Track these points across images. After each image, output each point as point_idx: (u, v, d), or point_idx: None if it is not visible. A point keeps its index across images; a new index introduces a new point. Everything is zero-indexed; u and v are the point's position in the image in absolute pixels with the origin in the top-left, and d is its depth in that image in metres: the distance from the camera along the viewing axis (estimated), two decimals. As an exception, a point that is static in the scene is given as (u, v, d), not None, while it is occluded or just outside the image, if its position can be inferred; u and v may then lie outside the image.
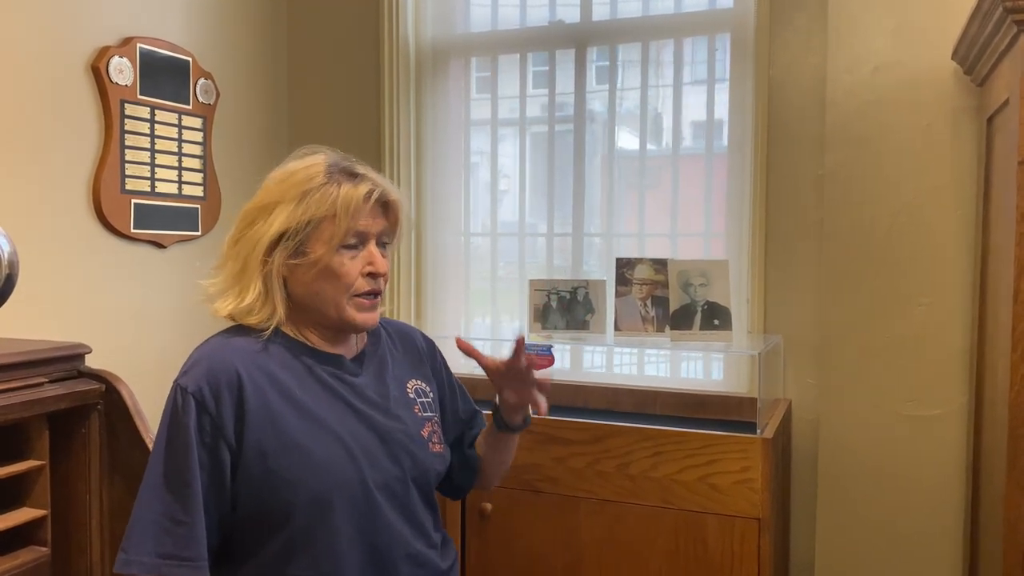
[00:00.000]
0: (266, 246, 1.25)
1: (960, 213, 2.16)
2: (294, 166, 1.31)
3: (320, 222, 1.24)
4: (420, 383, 1.44)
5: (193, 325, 2.62)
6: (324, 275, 1.26)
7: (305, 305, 1.30)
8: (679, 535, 2.00)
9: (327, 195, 1.24)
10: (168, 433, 1.21)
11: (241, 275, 1.28)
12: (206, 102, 2.64)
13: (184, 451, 1.19)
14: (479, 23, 2.92)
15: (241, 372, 1.23)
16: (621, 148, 2.75)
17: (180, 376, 1.25)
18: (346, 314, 1.28)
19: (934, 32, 2.15)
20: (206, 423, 1.20)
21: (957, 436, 2.18)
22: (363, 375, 1.35)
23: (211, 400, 1.21)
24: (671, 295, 2.20)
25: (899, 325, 2.23)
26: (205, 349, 1.28)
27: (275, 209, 1.26)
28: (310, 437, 1.23)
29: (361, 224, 1.26)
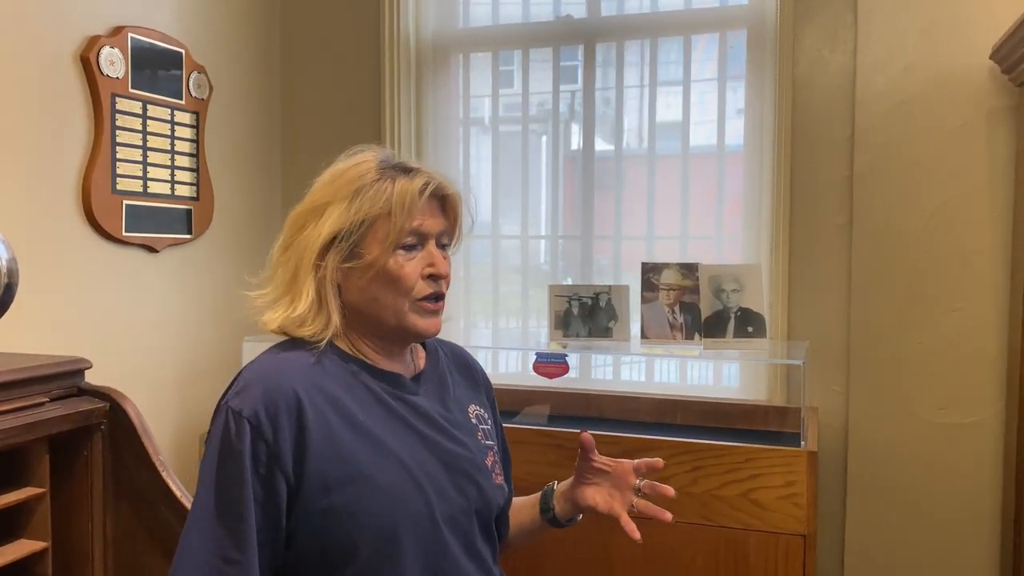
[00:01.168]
0: (318, 250, 1.14)
1: (996, 217, 2.12)
2: (343, 165, 1.19)
3: (375, 221, 1.14)
4: (479, 408, 1.32)
5: (189, 335, 2.49)
6: (381, 279, 1.15)
7: (361, 313, 1.18)
8: (719, 553, 1.91)
9: (381, 191, 1.13)
10: (219, 461, 1.08)
11: (292, 283, 1.16)
12: (199, 97, 2.48)
13: (237, 482, 1.06)
14: (480, 17, 2.81)
15: (301, 394, 1.10)
16: (628, 147, 2.66)
17: (231, 397, 1.10)
18: (407, 320, 1.16)
19: (969, 31, 2.10)
20: (262, 452, 1.07)
21: (993, 444, 2.13)
22: (423, 396, 1.23)
23: (268, 426, 1.07)
24: (702, 301, 2.11)
25: (931, 331, 2.18)
26: (257, 368, 1.14)
27: (326, 210, 1.15)
28: (375, 465, 1.11)
29: (418, 222, 1.15)
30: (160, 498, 1.64)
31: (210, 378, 2.54)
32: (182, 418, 2.47)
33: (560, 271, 2.70)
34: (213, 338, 2.56)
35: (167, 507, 1.63)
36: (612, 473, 1.27)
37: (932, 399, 2.18)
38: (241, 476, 1.06)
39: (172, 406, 2.43)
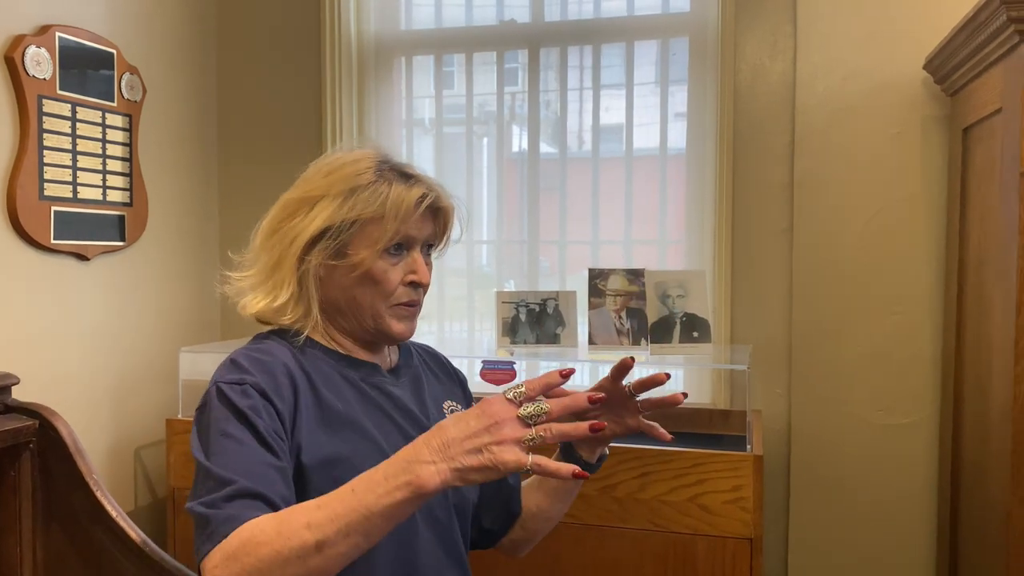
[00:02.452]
0: (304, 243, 1.14)
1: (930, 222, 2.17)
2: (342, 158, 1.19)
3: (366, 223, 1.13)
4: (455, 404, 1.33)
5: (123, 346, 2.40)
6: (364, 280, 1.15)
7: (340, 310, 1.18)
8: (668, 559, 1.92)
9: (376, 194, 1.13)
10: (223, 423, 1.03)
11: (275, 271, 1.16)
12: (132, 99, 2.40)
13: (250, 428, 1.03)
14: (423, 20, 2.77)
15: (293, 372, 1.11)
16: (572, 152, 2.66)
17: (225, 375, 1.08)
18: (383, 323, 1.17)
19: (905, 42, 2.15)
20: (269, 409, 1.05)
21: (929, 444, 2.19)
22: (401, 388, 1.24)
23: (273, 391, 1.06)
24: (649, 307, 2.12)
25: (870, 334, 2.23)
26: (246, 352, 1.12)
27: (318, 203, 1.14)
28: (355, 450, 1.11)
29: (410, 229, 1.16)
30: (95, 520, 1.58)
31: (146, 391, 2.46)
32: (117, 434, 2.38)
33: (505, 275, 2.69)
34: (149, 349, 2.47)
35: (102, 529, 1.57)
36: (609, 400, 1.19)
37: (871, 400, 2.23)
38: (255, 420, 1.03)
39: (106, 421, 2.34)
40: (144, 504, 2.46)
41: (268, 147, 2.72)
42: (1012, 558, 1.59)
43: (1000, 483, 1.65)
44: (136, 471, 2.44)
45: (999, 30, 1.60)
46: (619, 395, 1.18)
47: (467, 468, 0.89)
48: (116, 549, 1.54)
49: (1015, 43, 1.58)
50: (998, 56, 1.68)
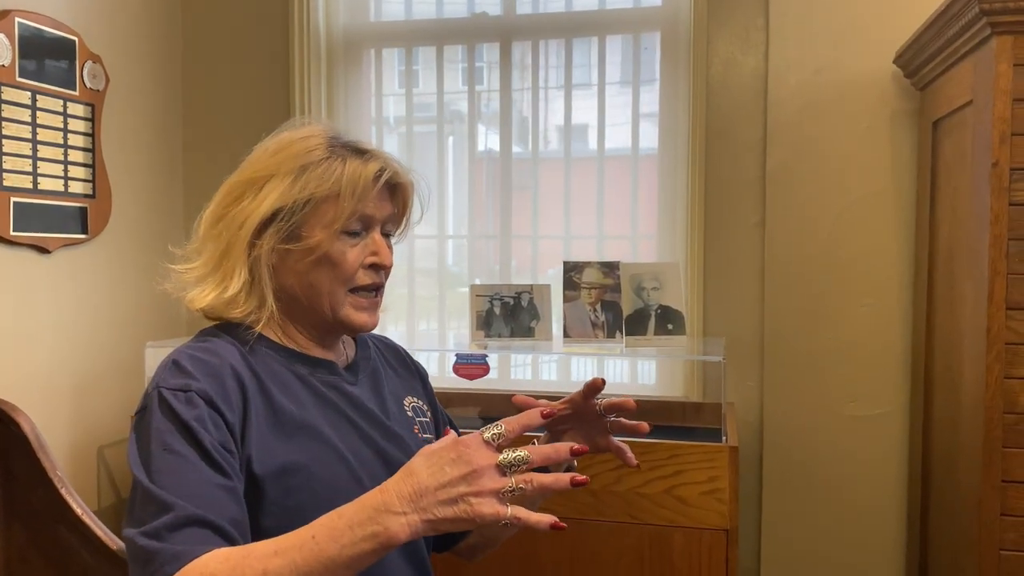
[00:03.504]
0: (254, 227, 1.05)
1: (900, 215, 2.20)
2: (289, 136, 1.11)
3: (321, 202, 1.06)
4: (416, 400, 1.26)
5: (86, 341, 2.33)
6: (321, 264, 1.07)
7: (295, 299, 1.10)
8: (644, 551, 1.91)
9: (330, 171, 1.05)
10: (164, 437, 0.94)
11: (223, 260, 1.07)
12: (94, 88, 2.33)
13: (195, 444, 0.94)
14: (393, 12, 2.74)
15: (241, 373, 1.02)
16: (548, 149, 2.65)
17: (166, 379, 0.99)
18: (342, 312, 1.09)
19: (875, 36, 2.17)
20: (216, 418, 0.97)
21: (900, 434, 2.22)
22: (359, 386, 1.15)
23: (219, 398, 0.98)
24: (623, 300, 2.11)
25: (841, 326, 2.25)
26: (190, 351, 1.03)
27: (267, 183, 1.06)
28: (312, 457, 1.03)
29: (368, 208, 1.08)
30: (58, 518, 1.53)
31: (110, 386, 2.40)
32: (79, 432, 2.31)
33: (477, 271, 2.67)
34: (112, 344, 2.41)
35: (66, 527, 1.52)
36: (574, 413, 1.16)
37: (843, 392, 2.25)
38: (201, 435, 0.94)
39: (68, 417, 2.28)
40: (108, 504, 2.39)
41: (234, 139, 2.66)
42: (984, 545, 1.61)
43: (971, 471, 1.67)
44: (99, 470, 2.37)
45: (970, 23, 1.62)
46: (589, 413, 1.15)
47: (440, 519, 0.83)
48: (81, 547, 1.49)
49: (986, 36, 1.60)
50: (969, 49, 1.70)
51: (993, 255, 1.59)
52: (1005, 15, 1.54)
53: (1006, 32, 1.56)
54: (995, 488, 1.60)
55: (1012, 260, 1.58)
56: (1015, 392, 1.58)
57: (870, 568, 2.25)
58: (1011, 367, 1.58)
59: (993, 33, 1.57)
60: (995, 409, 1.59)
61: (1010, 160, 1.57)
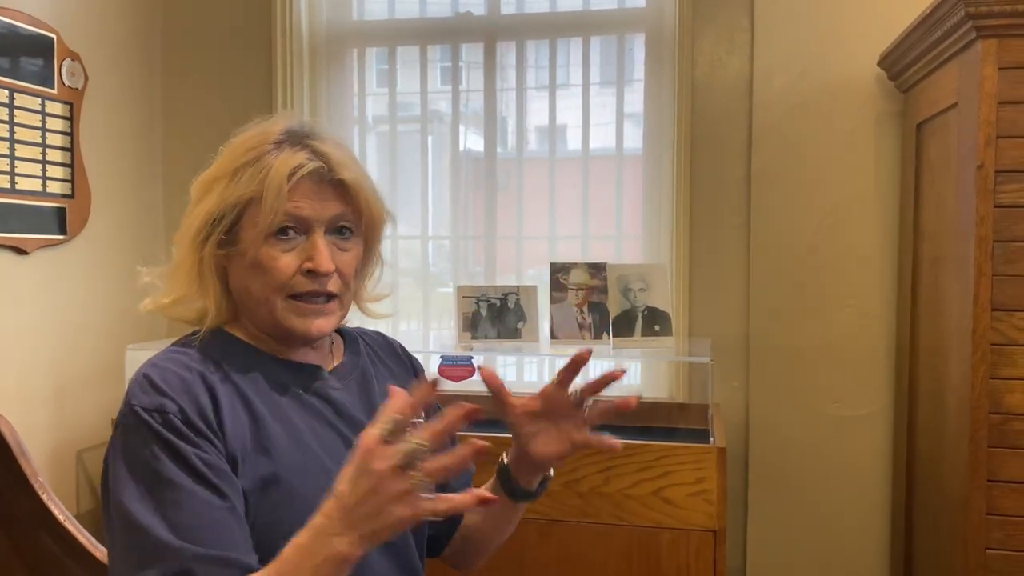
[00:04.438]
0: (194, 231, 1.02)
1: (884, 216, 2.21)
2: (247, 134, 1.05)
3: (249, 204, 1.00)
4: None
5: (66, 344, 2.29)
6: (254, 270, 1.01)
7: (243, 304, 1.06)
8: (632, 553, 1.91)
9: (260, 169, 0.99)
10: (147, 458, 0.90)
11: (179, 264, 1.05)
12: (73, 86, 2.30)
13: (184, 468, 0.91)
14: (376, 11, 2.72)
15: (215, 385, 0.98)
16: (530, 150, 2.64)
17: (138, 396, 0.95)
18: (281, 319, 1.02)
19: (859, 38, 2.19)
20: (199, 439, 0.93)
21: (884, 435, 2.23)
22: (345, 391, 1.10)
23: (197, 415, 0.94)
24: (610, 301, 2.11)
25: (826, 327, 2.26)
26: (159, 363, 0.99)
27: (214, 185, 1.02)
28: (293, 470, 0.98)
29: (295, 206, 0.99)
30: (40, 524, 1.50)
31: (91, 390, 2.36)
32: (60, 434, 2.27)
33: (460, 272, 2.65)
34: (93, 346, 2.37)
35: (48, 533, 1.49)
36: (544, 409, 1.07)
37: (828, 392, 2.26)
38: (189, 455, 0.91)
39: (48, 422, 2.24)
40: (87, 508, 2.35)
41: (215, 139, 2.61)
42: (970, 545, 1.63)
43: (957, 471, 1.68)
44: (78, 474, 2.33)
45: (956, 26, 1.64)
46: (562, 406, 1.06)
47: (375, 532, 0.81)
48: (64, 554, 1.46)
49: (971, 39, 1.61)
50: (954, 52, 1.72)
51: (979, 256, 1.60)
52: (991, 19, 1.55)
53: (991, 36, 1.57)
54: (981, 488, 1.61)
55: (997, 261, 1.59)
56: (1000, 392, 1.60)
57: (856, 568, 2.26)
58: (996, 367, 1.60)
59: (979, 36, 1.58)
60: (981, 409, 1.61)
61: (995, 162, 1.59)
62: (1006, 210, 1.59)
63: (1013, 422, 1.60)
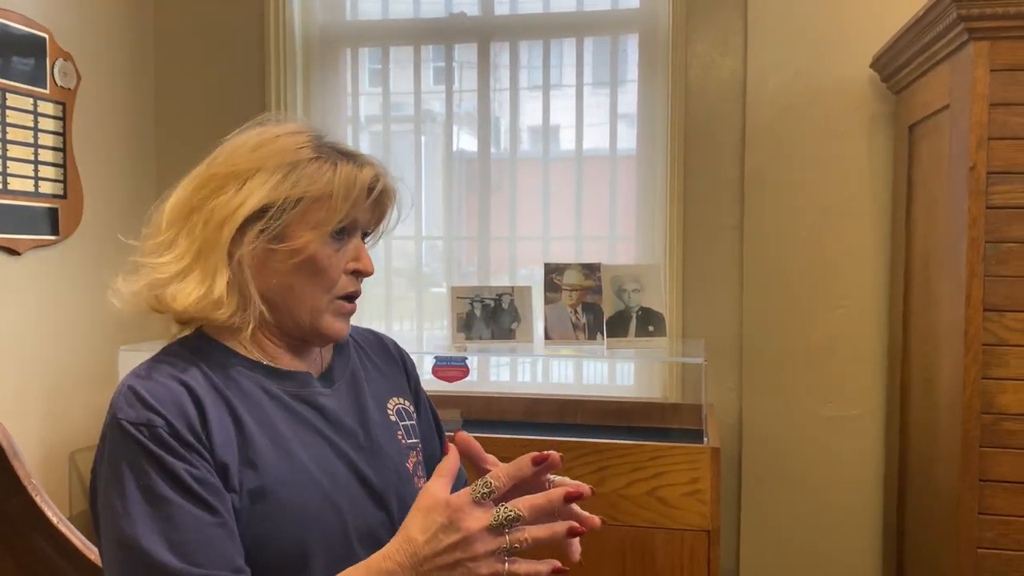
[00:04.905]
0: (240, 222, 0.98)
1: (876, 218, 2.22)
2: (273, 131, 1.04)
3: (312, 202, 1.00)
4: (402, 401, 1.18)
5: (58, 345, 2.28)
6: (304, 267, 1.01)
7: (273, 303, 1.02)
8: (626, 553, 1.92)
9: (322, 171, 1.00)
10: (136, 473, 0.89)
11: (201, 256, 0.99)
12: (65, 86, 2.29)
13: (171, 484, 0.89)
14: (370, 11, 2.72)
15: (202, 396, 0.95)
16: (524, 150, 2.65)
17: (123, 410, 0.92)
18: (321, 320, 1.04)
19: (852, 40, 2.20)
20: (189, 453, 0.91)
21: (875, 435, 2.24)
22: (334, 396, 1.08)
23: (184, 428, 0.91)
24: (604, 301, 2.12)
25: (818, 328, 2.27)
26: (144, 373, 0.97)
27: (252, 178, 0.99)
28: (281, 480, 0.97)
29: (357, 213, 1.03)
30: (33, 526, 1.49)
31: (82, 390, 2.35)
32: (51, 435, 2.26)
33: (453, 272, 2.66)
34: (85, 347, 2.37)
35: (42, 535, 1.48)
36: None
37: (820, 393, 2.27)
38: (179, 471, 0.90)
39: (40, 423, 2.23)
40: (80, 510, 2.34)
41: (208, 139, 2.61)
42: (962, 544, 1.64)
43: (949, 471, 1.69)
44: (71, 476, 2.33)
45: (948, 28, 1.64)
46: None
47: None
48: (57, 556, 1.46)
49: (963, 41, 1.62)
50: (946, 54, 1.73)
51: (971, 257, 1.61)
52: (982, 21, 1.56)
53: (983, 38, 1.58)
54: (973, 487, 1.62)
55: (989, 262, 1.60)
56: (992, 392, 1.61)
57: (848, 567, 2.27)
58: (988, 368, 1.61)
59: (971, 39, 1.59)
60: (973, 409, 1.62)
61: (987, 164, 1.60)
62: (998, 211, 1.60)
63: (1005, 422, 1.61)
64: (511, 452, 1.11)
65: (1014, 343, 1.60)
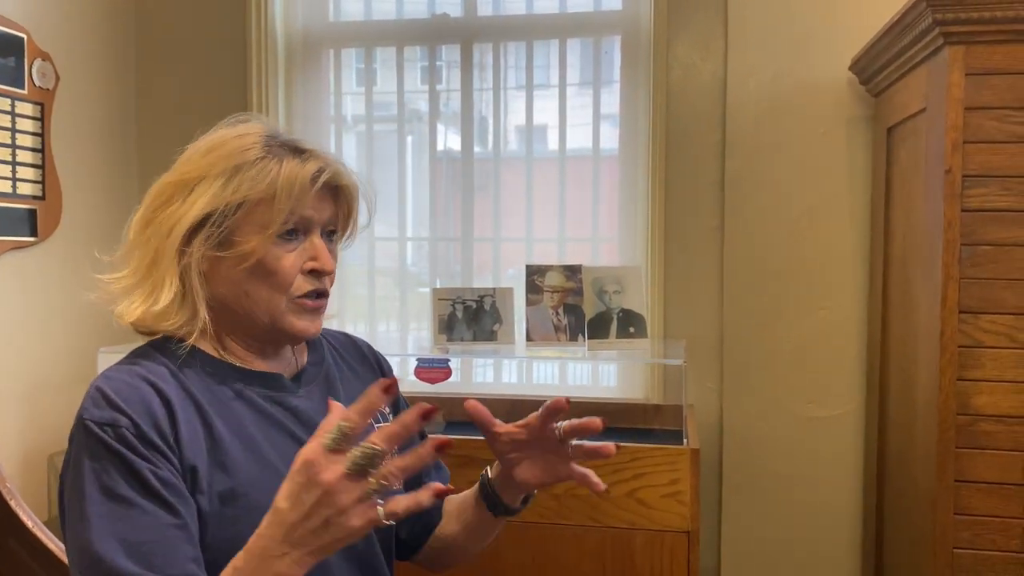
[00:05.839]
0: (184, 232, 0.99)
1: (856, 220, 2.24)
2: (223, 134, 1.04)
3: (255, 205, 0.99)
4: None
5: (36, 347, 2.27)
6: (256, 272, 1.00)
7: (230, 308, 1.03)
8: (606, 554, 1.92)
9: (265, 171, 0.99)
10: (97, 474, 0.89)
11: (152, 268, 1.00)
12: (44, 87, 2.27)
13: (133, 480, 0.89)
14: (352, 12, 2.71)
15: (170, 397, 0.95)
16: (508, 150, 2.65)
17: (90, 410, 0.93)
18: (283, 321, 1.02)
19: (831, 43, 2.21)
20: (152, 454, 0.90)
21: (855, 435, 2.26)
22: (306, 397, 1.08)
23: (152, 430, 0.91)
24: (586, 303, 2.12)
25: (799, 329, 2.28)
26: (115, 376, 0.97)
27: (197, 186, 0.99)
28: (252, 483, 0.97)
29: (306, 210, 1.01)
30: (8, 530, 1.48)
31: (61, 393, 2.33)
32: (29, 438, 2.25)
33: (437, 272, 2.65)
34: (64, 349, 2.35)
35: (17, 540, 1.47)
36: (528, 439, 1.06)
37: (800, 393, 2.28)
38: (143, 471, 0.89)
39: (17, 426, 2.21)
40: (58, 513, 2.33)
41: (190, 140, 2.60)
42: (938, 544, 1.65)
43: (926, 471, 1.70)
44: (50, 479, 2.31)
45: (924, 32, 1.66)
46: (548, 440, 1.05)
47: (324, 546, 0.80)
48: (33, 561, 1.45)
49: (939, 45, 1.63)
50: (923, 58, 1.74)
51: (946, 260, 1.62)
52: (957, 25, 1.57)
53: (959, 42, 1.59)
54: (949, 488, 1.64)
55: (965, 265, 1.61)
56: (968, 394, 1.62)
57: (828, 567, 2.28)
58: (964, 369, 1.62)
59: (946, 43, 1.61)
60: (948, 410, 1.63)
61: (962, 167, 1.61)
62: (973, 214, 1.61)
63: (980, 423, 1.62)
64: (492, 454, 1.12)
65: (989, 345, 1.62)
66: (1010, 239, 1.60)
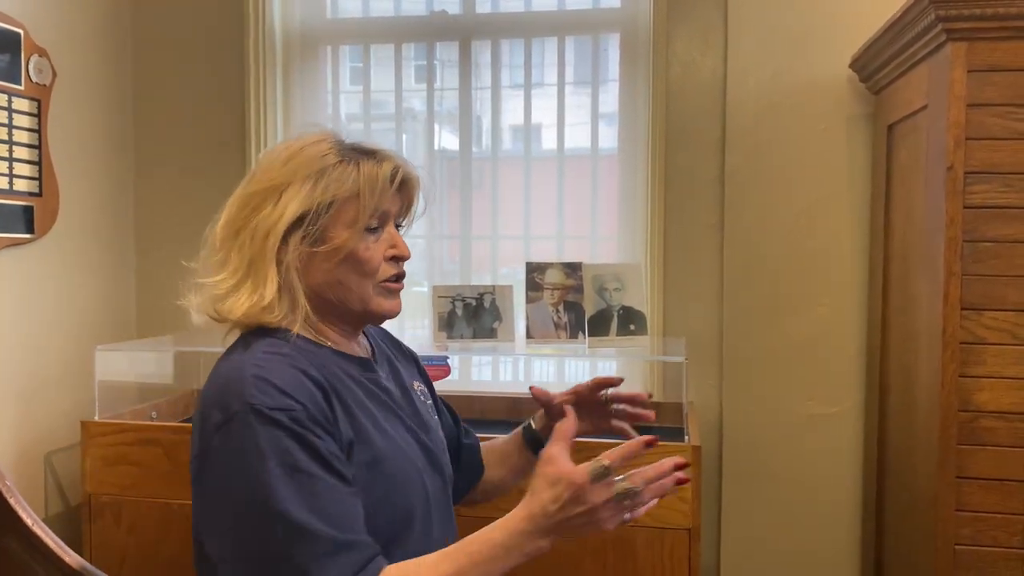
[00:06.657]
0: (281, 233, 1.11)
1: (855, 218, 2.24)
2: (298, 143, 1.16)
3: (342, 204, 1.12)
4: (420, 384, 1.36)
5: (33, 344, 2.25)
6: (348, 262, 1.14)
7: (324, 297, 1.16)
8: (607, 551, 1.92)
9: (347, 173, 1.12)
10: (285, 459, 0.99)
11: (251, 268, 1.12)
12: (41, 83, 2.26)
13: (321, 465, 1.02)
14: (350, 9, 2.70)
15: (318, 377, 1.07)
16: (505, 149, 2.64)
17: (255, 396, 1.01)
18: (372, 304, 1.17)
19: (831, 40, 2.21)
20: (323, 431, 1.03)
21: (854, 432, 2.26)
22: (388, 379, 1.24)
23: (315, 409, 1.04)
24: (586, 300, 2.12)
25: (800, 326, 2.28)
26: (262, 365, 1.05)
27: (286, 191, 1.11)
28: (384, 451, 1.12)
29: (385, 204, 1.15)
30: (7, 528, 1.46)
31: (58, 391, 2.32)
32: (26, 436, 2.23)
33: (435, 270, 2.65)
34: (61, 347, 2.33)
35: (16, 539, 1.45)
36: (578, 403, 1.35)
37: (800, 390, 2.28)
38: (319, 449, 1.01)
39: (13, 425, 2.20)
40: (56, 512, 2.32)
41: (187, 136, 2.61)
42: (939, 540, 1.65)
43: (927, 468, 1.71)
44: (46, 477, 2.30)
45: (926, 29, 1.66)
46: (594, 404, 1.37)
47: (574, 536, 1.03)
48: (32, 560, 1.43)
49: (942, 41, 1.63)
50: (924, 54, 1.74)
51: (948, 257, 1.62)
52: (960, 22, 1.57)
53: (961, 39, 1.59)
54: (950, 484, 1.64)
55: (966, 261, 1.61)
56: (970, 390, 1.62)
57: (828, 563, 2.28)
58: (966, 366, 1.62)
59: (948, 39, 1.61)
60: (950, 407, 1.63)
61: (964, 164, 1.61)
62: (975, 211, 1.61)
63: (982, 419, 1.62)
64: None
65: (992, 341, 1.62)
66: (1012, 236, 1.60)
